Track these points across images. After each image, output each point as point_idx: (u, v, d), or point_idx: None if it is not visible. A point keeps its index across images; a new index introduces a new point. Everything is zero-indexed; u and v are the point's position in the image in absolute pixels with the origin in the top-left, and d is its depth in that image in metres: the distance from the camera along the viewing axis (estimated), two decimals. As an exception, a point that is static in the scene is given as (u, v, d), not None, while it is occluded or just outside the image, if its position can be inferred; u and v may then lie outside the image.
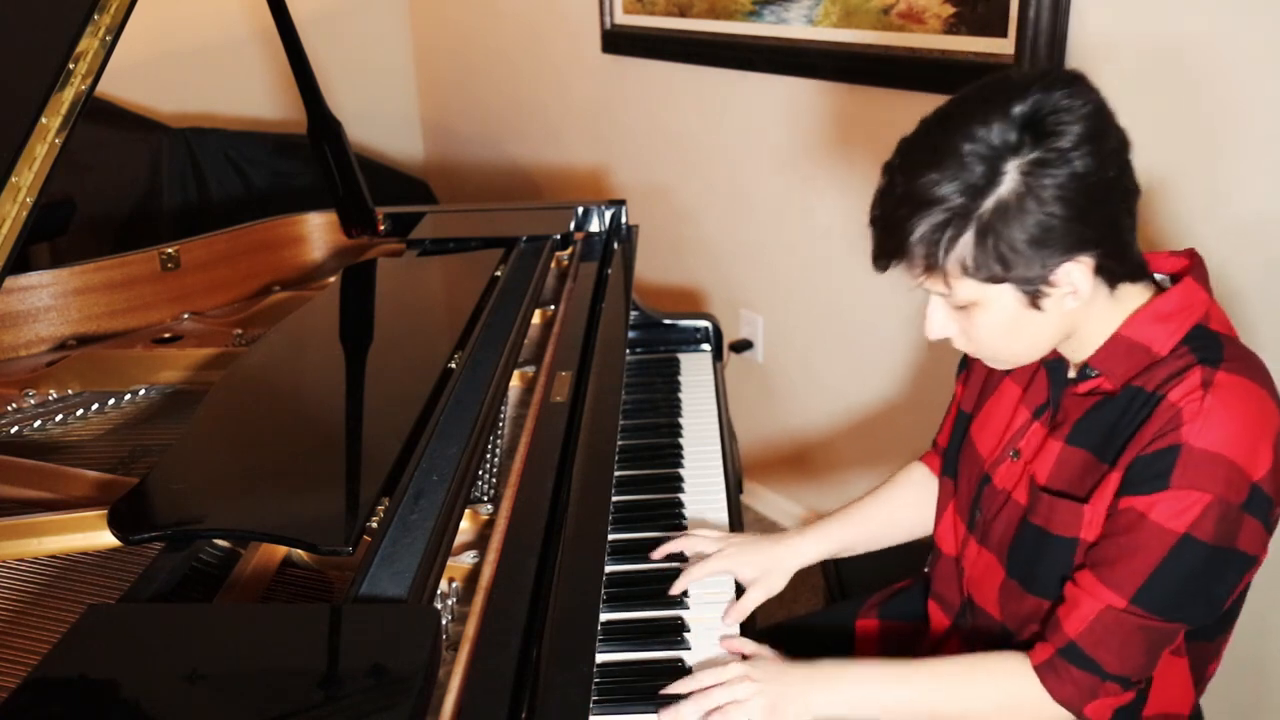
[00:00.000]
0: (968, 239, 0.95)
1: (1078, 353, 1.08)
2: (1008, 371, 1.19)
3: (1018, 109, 0.92)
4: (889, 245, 1.00)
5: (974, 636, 1.23)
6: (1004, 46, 1.82)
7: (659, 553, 1.28)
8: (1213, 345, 1.01)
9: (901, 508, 1.36)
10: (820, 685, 1.08)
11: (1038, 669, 1.03)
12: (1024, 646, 1.09)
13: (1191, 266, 1.07)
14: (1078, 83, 0.95)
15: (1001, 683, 1.06)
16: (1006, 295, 0.98)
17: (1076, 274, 0.96)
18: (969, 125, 0.94)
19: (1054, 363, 1.12)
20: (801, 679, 1.09)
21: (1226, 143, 1.57)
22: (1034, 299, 0.98)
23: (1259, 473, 0.96)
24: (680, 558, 1.29)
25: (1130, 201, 0.98)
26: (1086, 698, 1.01)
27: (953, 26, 1.92)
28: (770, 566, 1.27)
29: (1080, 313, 1.02)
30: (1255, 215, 1.56)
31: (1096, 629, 1.00)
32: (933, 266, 0.97)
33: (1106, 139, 0.94)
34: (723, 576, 1.27)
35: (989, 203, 0.93)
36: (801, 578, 1.33)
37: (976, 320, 1.02)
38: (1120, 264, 1.00)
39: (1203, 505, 0.95)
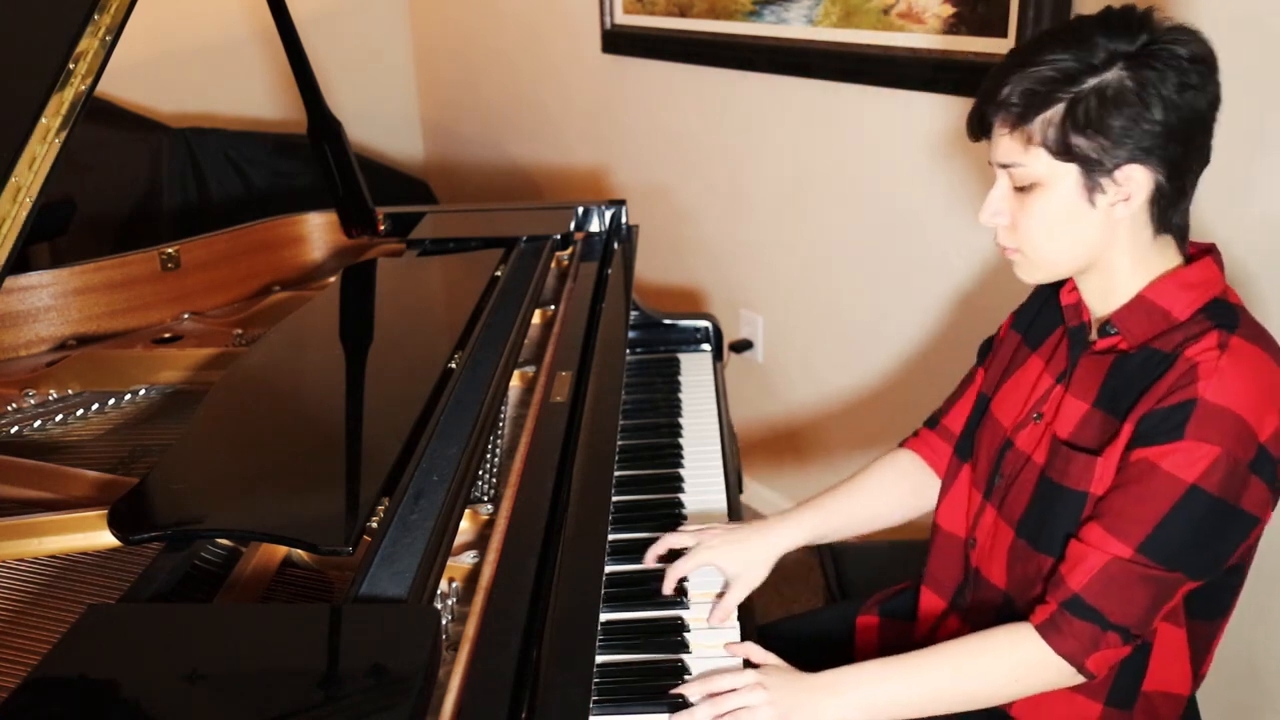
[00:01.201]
0: (1060, 106, 1.01)
1: (1104, 302, 1.11)
2: (1035, 348, 1.22)
3: (1145, 36, 1.00)
4: (991, 93, 1.05)
5: (971, 612, 1.23)
6: (1004, 46, 1.82)
7: (649, 558, 1.27)
8: (1230, 315, 1.05)
9: (882, 495, 1.36)
10: (830, 693, 1.08)
11: (1039, 628, 1.05)
12: (1024, 616, 1.10)
13: (1211, 250, 1.12)
14: (1198, 35, 1.02)
15: (1009, 651, 1.07)
16: (1069, 180, 1.03)
17: (1138, 178, 1.01)
18: (1101, 28, 1.01)
19: (1076, 329, 1.15)
20: (812, 688, 1.08)
21: (1240, 144, 1.57)
22: (1091, 192, 1.03)
23: (1265, 434, 0.99)
24: (675, 555, 1.29)
25: (1204, 154, 1.04)
26: (1089, 649, 1.03)
27: (953, 26, 1.92)
28: (750, 559, 1.27)
29: (1119, 243, 1.06)
30: (1273, 214, 1.56)
31: (1101, 578, 1.02)
32: (1022, 120, 1.03)
33: (1213, 73, 1.01)
34: (718, 573, 1.27)
35: (1094, 80, 1.00)
36: (801, 577, 1.33)
37: (1032, 205, 1.06)
38: (1174, 203, 1.04)
39: (1212, 457, 0.98)
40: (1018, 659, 1.07)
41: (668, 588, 1.23)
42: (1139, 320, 1.08)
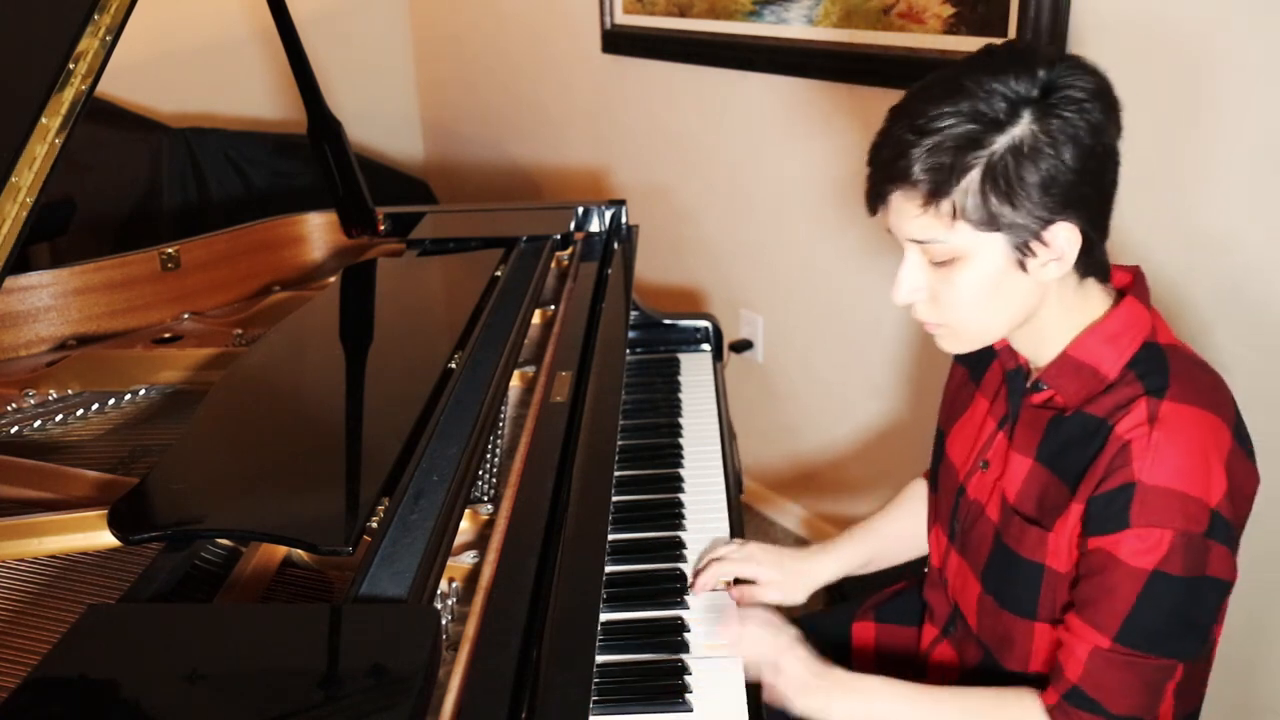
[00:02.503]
0: (975, 174, 0.93)
1: (1036, 354, 1.07)
2: (979, 385, 1.20)
3: (1042, 72, 0.93)
4: (893, 171, 0.96)
5: (961, 648, 1.24)
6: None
7: (699, 589, 1.25)
8: (1159, 369, 1.00)
9: (907, 524, 1.37)
10: (841, 692, 1.10)
11: (1050, 710, 1.03)
12: (1008, 674, 1.10)
13: (1133, 284, 1.07)
14: (1093, 68, 0.97)
15: None
16: (996, 249, 0.96)
17: (1064, 236, 0.96)
18: (988, 73, 0.94)
19: (1013, 372, 1.12)
20: (830, 675, 1.11)
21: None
22: (1022, 258, 0.97)
23: (1215, 498, 0.96)
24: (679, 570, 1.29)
25: (1115, 186, 0.99)
26: None
27: (953, 26, 1.92)
28: (795, 575, 1.29)
29: (1046, 298, 1.01)
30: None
31: (1092, 671, 1.00)
32: (937, 195, 0.94)
33: (1114, 104, 0.96)
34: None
35: (1003, 139, 0.93)
36: (801, 577, 1.33)
37: (955, 278, 0.99)
38: (1097, 244, 1.00)
39: (1168, 541, 0.95)
40: None
41: (705, 587, 1.24)
42: (1069, 379, 1.03)
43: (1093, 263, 1.01)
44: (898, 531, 1.37)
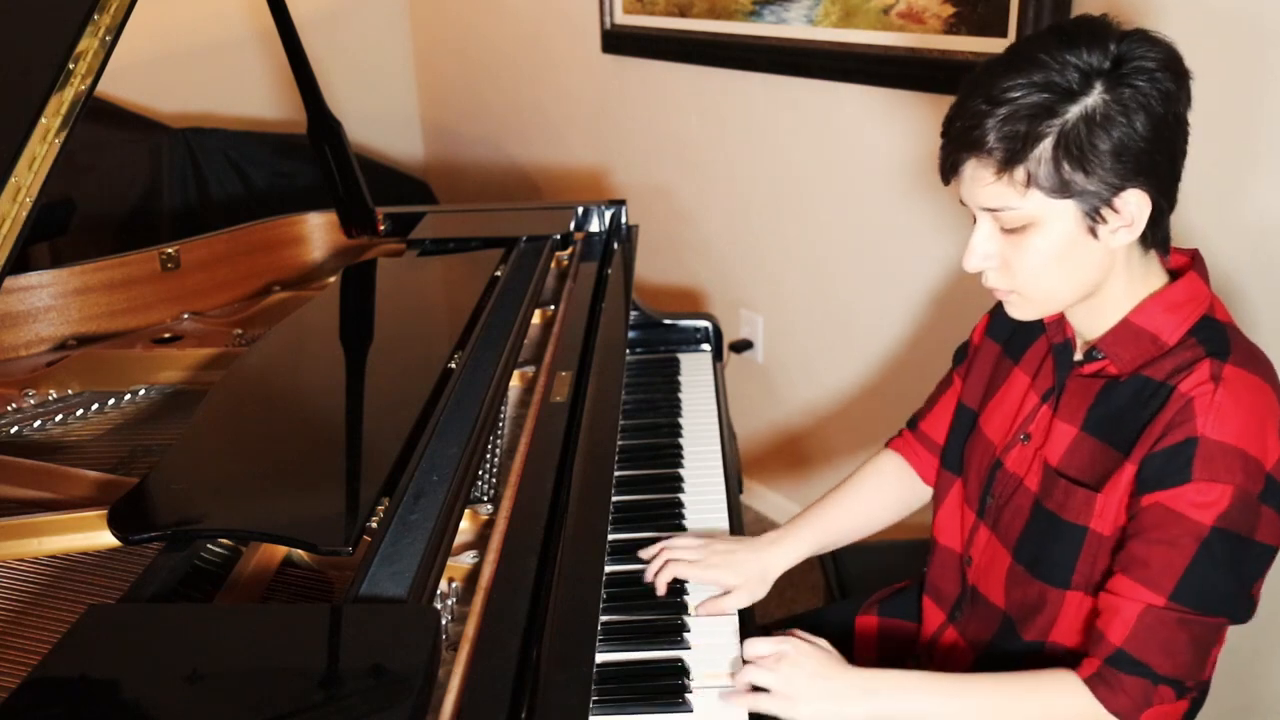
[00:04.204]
0: (1048, 142, 0.95)
1: (1092, 325, 1.08)
2: (1018, 361, 1.20)
3: (1113, 45, 0.95)
4: (967, 139, 0.98)
5: (968, 627, 1.23)
6: (1004, 46, 1.82)
7: (649, 574, 1.25)
8: (1220, 338, 1.02)
9: (874, 500, 1.37)
10: (864, 689, 1.07)
11: (1089, 681, 1.01)
12: (1023, 637, 1.09)
13: (1193, 262, 1.09)
14: (1161, 40, 0.98)
15: (1055, 700, 1.03)
16: (1068, 216, 0.98)
17: (1135, 203, 0.98)
18: (1061, 47, 0.96)
19: (1060, 345, 1.13)
20: (846, 674, 1.09)
21: (1236, 148, 1.57)
22: (1093, 224, 0.99)
23: (1271, 462, 0.98)
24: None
25: (1185, 155, 1.01)
26: (1141, 706, 0.99)
27: (953, 26, 1.92)
28: (753, 575, 1.26)
29: (1114, 264, 1.03)
30: (1266, 219, 1.56)
31: (1140, 631, 0.99)
32: (1011, 162, 0.96)
33: (1184, 74, 0.98)
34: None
35: (1076, 109, 0.95)
36: (801, 576, 1.33)
37: (1027, 245, 1.01)
38: (1166, 212, 1.01)
39: (1228, 496, 0.96)
40: (1064, 710, 1.03)
41: (661, 587, 1.23)
42: (1127, 346, 1.05)
43: (1159, 234, 1.03)
44: (857, 509, 1.36)
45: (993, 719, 1.05)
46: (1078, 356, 1.11)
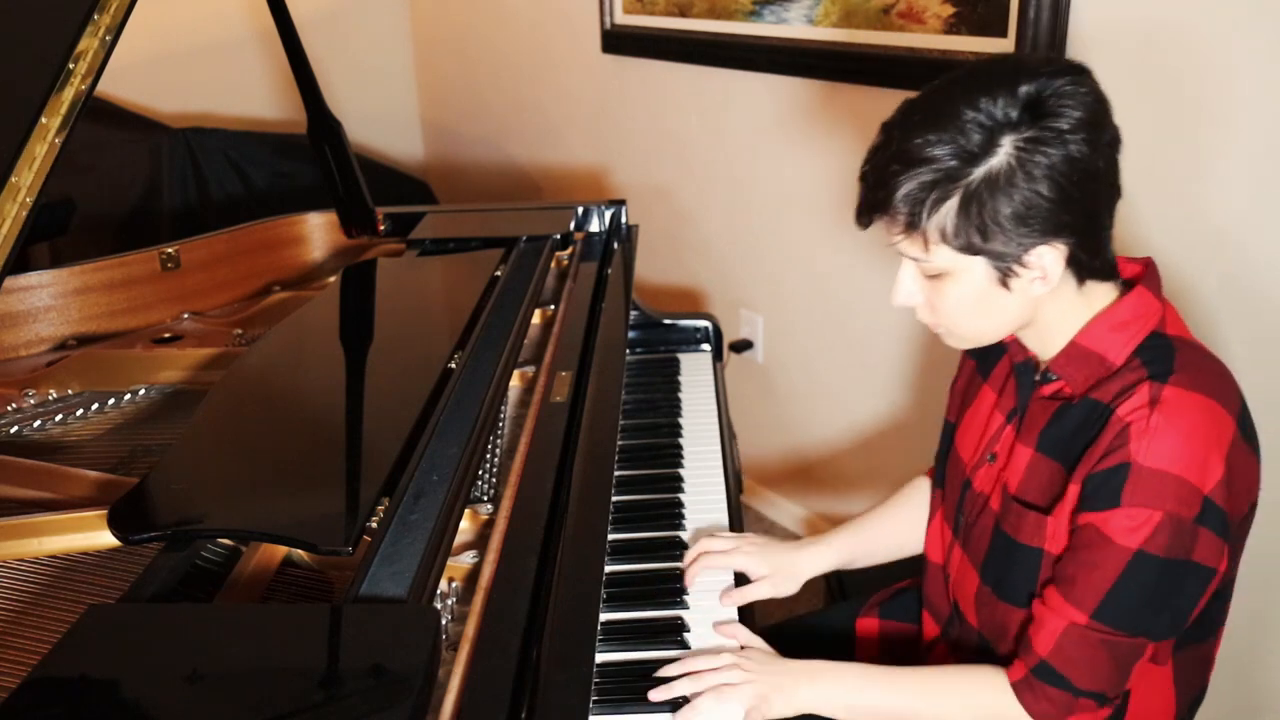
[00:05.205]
0: (952, 204, 0.95)
1: (1044, 349, 1.08)
2: (986, 378, 1.21)
3: (1024, 89, 0.94)
4: (875, 199, 1.00)
5: (960, 645, 1.24)
6: (1004, 46, 1.82)
7: (690, 581, 1.25)
8: (1164, 356, 1.01)
9: (904, 523, 1.37)
10: (807, 681, 1.10)
11: (1015, 685, 1.05)
12: (1006, 660, 1.10)
13: (1145, 274, 1.07)
14: (1083, 73, 0.96)
15: (980, 696, 1.07)
16: (978, 269, 0.99)
17: (1049, 259, 0.97)
18: (973, 95, 0.95)
19: (1022, 365, 1.13)
20: (790, 672, 1.11)
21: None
22: (1004, 277, 0.99)
23: (1209, 485, 0.96)
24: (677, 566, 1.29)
25: (1112, 199, 0.99)
26: (1062, 714, 1.02)
27: (953, 26, 1.92)
28: (784, 569, 1.28)
29: (1045, 302, 1.02)
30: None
31: (1064, 646, 1.01)
32: (913, 226, 0.98)
33: (1103, 130, 0.95)
34: (722, 574, 1.27)
35: (979, 171, 0.94)
36: (802, 577, 1.33)
37: (944, 291, 1.02)
38: (1092, 259, 1.00)
39: (1154, 522, 0.96)
40: (987, 705, 1.06)
41: (694, 579, 1.25)
42: (1077, 368, 1.05)
43: (1091, 270, 1.02)
44: (891, 529, 1.37)
45: (923, 707, 1.09)
46: (1037, 377, 1.11)
